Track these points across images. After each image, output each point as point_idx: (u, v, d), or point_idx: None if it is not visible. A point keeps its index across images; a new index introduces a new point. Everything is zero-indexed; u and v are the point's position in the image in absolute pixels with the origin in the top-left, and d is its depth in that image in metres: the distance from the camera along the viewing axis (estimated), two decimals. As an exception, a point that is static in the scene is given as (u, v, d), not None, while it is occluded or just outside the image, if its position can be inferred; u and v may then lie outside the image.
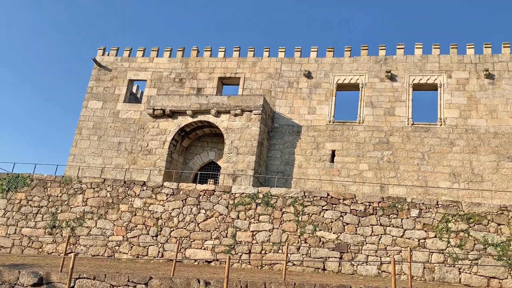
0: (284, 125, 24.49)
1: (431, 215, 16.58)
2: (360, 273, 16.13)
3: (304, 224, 17.27)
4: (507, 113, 22.05)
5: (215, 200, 18.40)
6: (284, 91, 25.31)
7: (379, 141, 22.98)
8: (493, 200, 20.21)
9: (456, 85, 23.16)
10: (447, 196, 20.92)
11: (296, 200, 17.74)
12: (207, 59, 27.16)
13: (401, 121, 23.15)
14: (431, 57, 24.07)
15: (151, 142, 23.54)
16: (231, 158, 22.14)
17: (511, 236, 15.81)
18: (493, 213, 16.25)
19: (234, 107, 22.84)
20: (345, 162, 22.95)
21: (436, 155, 22.03)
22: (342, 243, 16.73)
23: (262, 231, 17.48)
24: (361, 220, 16.99)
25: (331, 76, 24.97)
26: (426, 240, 16.27)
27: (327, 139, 23.63)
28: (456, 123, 22.45)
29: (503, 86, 22.59)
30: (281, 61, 26.13)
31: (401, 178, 21.97)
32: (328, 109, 24.28)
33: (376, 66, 24.57)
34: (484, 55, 23.51)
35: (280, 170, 23.52)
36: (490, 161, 21.37)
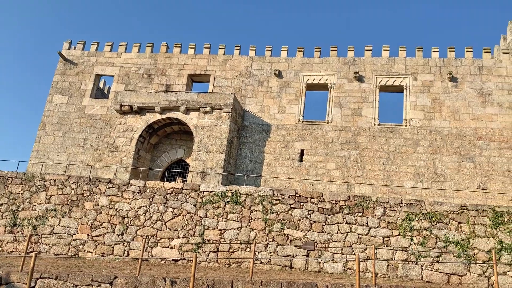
0: (254, 123, 24.53)
1: (395, 213, 17.00)
2: (326, 270, 16.37)
3: (272, 223, 17.36)
4: (469, 115, 22.85)
5: (183, 198, 18.23)
6: (255, 90, 25.34)
7: (347, 141, 23.36)
8: (454, 199, 20.92)
9: (421, 87, 23.82)
10: (411, 195, 21.50)
11: (264, 198, 17.81)
12: (177, 56, 26.86)
13: (368, 121, 23.60)
14: (398, 60, 24.65)
15: (118, 139, 23.08)
16: (200, 156, 22.00)
17: (471, 234, 16.42)
18: (454, 212, 16.82)
19: (204, 105, 22.68)
20: (314, 161, 23.21)
21: (401, 155, 22.60)
22: (309, 241, 16.93)
23: (231, 229, 17.46)
24: (328, 218, 17.23)
25: (301, 76, 25.19)
26: (390, 238, 16.67)
27: (296, 138, 23.82)
28: (421, 124, 23.09)
29: (466, 89, 23.39)
30: (252, 59, 26.14)
31: (367, 177, 22.42)
32: (297, 109, 24.48)
33: (345, 67, 24.95)
34: (448, 59, 24.27)
35: (250, 168, 23.55)
36: (452, 161, 22.10)
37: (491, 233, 16.35)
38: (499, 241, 16.20)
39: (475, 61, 23.90)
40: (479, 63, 23.82)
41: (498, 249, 16.05)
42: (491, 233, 16.35)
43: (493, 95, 23.02)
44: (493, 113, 22.69)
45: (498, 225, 16.44)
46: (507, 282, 15.58)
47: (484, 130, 22.41)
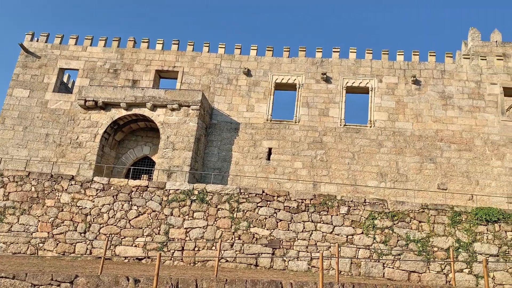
0: (223, 121, 24.45)
1: (359, 212, 17.37)
2: (291, 268, 16.54)
3: (238, 221, 17.37)
4: (431, 118, 23.59)
5: (148, 196, 17.97)
6: (223, 88, 25.26)
7: (314, 141, 23.65)
8: (415, 199, 21.56)
9: (386, 89, 24.40)
10: (374, 194, 22.00)
11: (231, 197, 17.80)
12: (144, 51, 26.42)
13: (334, 122, 23.97)
14: (364, 62, 25.15)
15: (82, 134, 22.49)
16: (167, 154, 21.73)
17: (431, 233, 16.98)
18: (415, 211, 17.34)
19: (172, 102, 22.41)
20: (281, 160, 23.37)
21: (366, 155, 23.08)
22: (275, 239, 17.05)
23: (196, 228, 17.35)
24: (293, 217, 17.40)
25: (270, 75, 25.29)
26: (353, 236, 17.01)
27: (264, 137, 23.92)
28: (385, 126, 23.66)
29: (428, 92, 24.14)
30: (221, 57, 26.03)
31: (333, 177, 22.78)
32: (266, 108, 24.57)
33: (313, 67, 25.24)
34: (412, 62, 24.96)
35: (217, 166, 23.46)
36: (414, 162, 22.76)
37: (449, 232, 16.96)
38: (457, 239, 16.83)
39: (438, 65, 24.69)
40: (441, 67, 24.62)
41: (456, 247, 16.67)
42: (449, 232, 16.96)
43: (454, 98, 23.86)
44: (453, 116, 23.52)
45: (456, 224, 17.08)
46: (463, 279, 16.21)
47: (445, 132, 23.20)
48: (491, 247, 16.70)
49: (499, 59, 24.62)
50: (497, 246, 16.72)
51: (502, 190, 21.80)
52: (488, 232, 16.97)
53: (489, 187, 21.91)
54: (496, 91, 23.81)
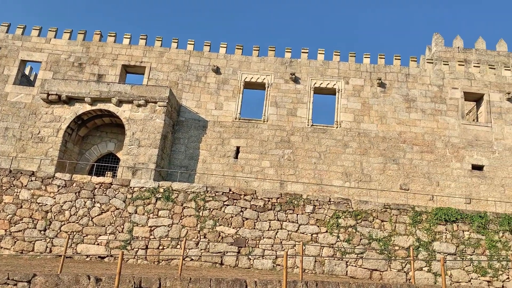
0: (190, 119, 24.24)
1: (324, 211, 17.62)
2: (256, 267, 16.59)
3: (204, 219, 17.27)
4: (395, 120, 24.21)
5: (112, 193, 17.60)
6: (192, 85, 25.03)
7: (281, 140, 23.81)
8: (378, 198, 22.07)
9: (352, 91, 24.85)
10: (339, 193, 22.37)
11: (198, 195, 17.68)
12: (111, 45, 25.82)
13: (302, 121, 24.21)
14: (332, 63, 25.51)
15: (44, 129, 21.76)
16: (132, 151, 21.33)
17: (392, 232, 17.43)
18: (378, 210, 17.75)
19: (138, 97, 22.01)
20: (249, 158, 23.40)
21: (331, 155, 23.44)
22: (241, 237, 17.06)
23: (161, 226, 17.14)
24: (260, 215, 17.47)
25: (239, 74, 25.27)
26: (318, 235, 17.25)
27: (232, 136, 23.87)
28: (350, 127, 24.09)
29: (393, 95, 24.75)
30: (189, 53, 25.78)
31: (299, 176, 23.01)
32: (235, 106, 24.53)
33: (282, 67, 25.40)
34: (378, 65, 25.52)
35: (184, 164, 23.24)
36: (378, 162, 23.30)
37: (410, 231, 17.46)
38: (417, 238, 17.34)
39: (403, 69, 25.36)
40: (406, 71, 25.30)
41: (416, 246, 17.18)
42: (410, 231, 17.46)
43: (417, 101, 24.56)
44: (416, 118, 24.22)
45: (417, 223, 17.60)
46: (422, 277, 16.73)
47: (408, 134, 23.86)
48: (449, 246, 17.31)
49: (460, 64, 25.53)
50: (455, 245, 17.35)
51: (461, 191, 22.64)
52: (447, 231, 17.58)
53: (449, 188, 22.70)
54: (457, 96, 24.68)
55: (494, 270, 16.96)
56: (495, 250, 17.32)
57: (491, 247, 17.34)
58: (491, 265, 17.03)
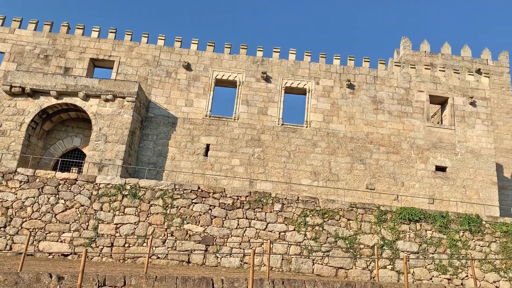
0: (159, 115, 23.92)
1: (292, 209, 17.77)
2: (224, 265, 16.57)
3: (172, 217, 17.10)
4: (362, 121, 24.66)
5: (76, 190, 17.17)
6: (162, 81, 24.70)
7: (252, 138, 23.84)
8: (345, 197, 22.45)
9: (322, 91, 25.15)
10: (307, 192, 22.62)
11: (165, 192, 17.48)
12: (79, 38, 25.15)
13: (272, 120, 24.32)
14: (303, 64, 25.73)
15: (6, 122, 20.97)
16: (99, 146, 20.86)
17: (358, 231, 17.77)
18: (344, 209, 18.05)
19: (106, 92, 21.53)
20: (219, 156, 23.32)
21: (301, 154, 23.66)
22: (209, 235, 16.99)
23: (127, 223, 16.86)
24: (228, 214, 17.45)
25: (210, 71, 25.12)
26: (286, 233, 17.38)
27: (202, 133, 23.72)
28: (320, 126, 24.38)
29: (361, 96, 25.20)
30: (160, 49, 25.42)
31: (269, 174, 23.12)
32: (205, 103, 24.38)
33: (254, 66, 25.41)
34: (347, 67, 25.93)
35: (152, 161, 22.92)
36: (346, 162, 23.69)
37: (375, 230, 17.85)
38: (381, 237, 17.75)
39: (371, 71, 25.85)
40: (374, 73, 25.80)
41: (381, 245, 17.58)
42: (375, 230, 17.85)
43: (385, 103, 25.11)
44: (383, 120, 24.75)
45: (382, 222, 18.01)
46: (386, 275, 17.14)
47: (375, 135, 24.36)
48: (412, 245, 17.80)
49: (426, 68, 26.25)
50: (417, 244, 17.86)
51: (425, 191, 23.30)
52: (410, 230, 18.07)
53: (413, 188, 23.33)
54: (423, 98, 25.37)
55: (454, 269, 17.57)
56: (456, 249, 17.93)
57: (452, 246, 17.95)
58: (451, 264, 17.62)
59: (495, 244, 18.28)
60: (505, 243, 18.32)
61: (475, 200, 23.28)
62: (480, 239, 18.32)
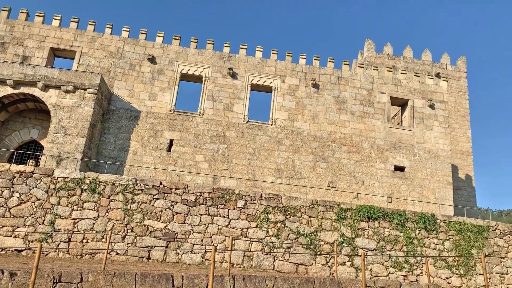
0: (122, 108, 23.40)
1: (255, 206, 17.85)
2: (185, 261, 16.44)
3: (132, 213, 16.80)
4: (326, 120, 25.06)
5: (33, 183, 16.56)
6: (125, 73, 24.16)
7: (216, 135, 23.74)
8: (307, 195, 22.76)
9: (288, 90, 25.35)
10: (271, 189, 22.77)
11: (126, 188, 17.14)
12: (38, 26, 24.20)
13: (238, 117, 24.30)
14: (269, 61, 25.84)
15: (-43, 111, 19.93)
16: (57, 139, 20.19)
17: (319, 228, 18.06)
18: (306, 206, 18.30)
19: (66, 83, 20.85)
20: (182, 152, 23.08)
21: (265, 151, 23.79)
22: (170, 232, 16.80)
23: (86, 218, 16.42)
24: (190, 210, 17.31)
25: (176, 65, 24.79)
26: (248, 230, 17.45)
27: (166, 128, 23.40)
28: (284, 125, 24.59)
29: (325, 96, 25.59)
30: (124, 40, 24.85)
31: (233, 171, 23.10)
32: (170, 98, 24.05)
33: (220, 62, 25.29)
34: (313, 66, 26.25)
35: (113, 155, 22.41)
36: (309, 160, 24.01)
37: (335, 227, 18.20)
38: (341, 234, 18.12)
39: (336, 72, 26.28)
40: (338, 74, 26.25)
41: (340, 242, 17.95)
42: (335, 227, 18.20)
43: (348, 103, 25.60)
44: (346, 120, 25.24)
45: (342, 220, 18.39)
46: (345, 271, 17.52)
47: (338, 135, 24.81)
48: (370, 242, 18.28)
49: (388, 70, 26.95)
50: (375, 241, 18.35)
51: (384, 190, 23.96)
52: (369, 228, 18.55)
53: (373, 187, 23.94)
54: (384, 100, 26.04)
55: (410, 265, 18.18)
56: (412, 246, 18.56)
57: (408, 244, 18.56)
58: (407, 261, 18.22)
59: (449, 242, 19.05)
60: (457, 241, 19.12)
61: (431, 200, 24.16)
62: (434, 237, 19.04)
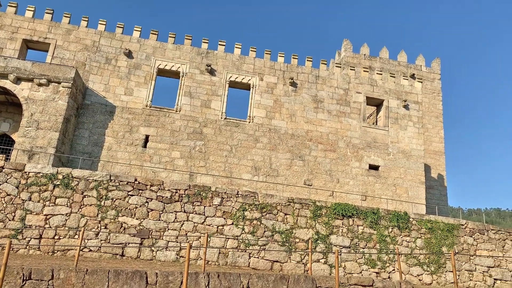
0: (97, 103, 22.98)
1: (231, 203, 17.84)
2: (159, 258, 16.31)
3: (106, 209, 16.55)
4: (303, 118, 25.23)
5: (3, 178, 16.11)
6: (101, 67, 23.73)
7: (193, 131, 23.59)
8: (284, 192, 22.89)
9: (266, 88, 25.40)
10: (247, 187, 22.79)
11: (100, 184, 16.87)
12: (11, 16, 23.51)
13: (215, 114, 24.21)
14: (248, 59, 25.82)
15: None
16: (30, 133, 19.68)
17: (294, 225, 18.19)
18: (282, 204, 18.40)
19: (40, 76, 20.33)
20: (158, 148, 22.84)
21: (243, 149, 23.78)
22: (144, 229, 16.63)
23: (58, 215, 16.09)
24: (166, 207, 17.17)
25: (153, 60, 24.50)
26: (224, 227, 17.42)
27: (142, 123, 23.11)
28: (262, 122, 24.64)
29: (303, 95, 25.76)
30: (100, 34, 24.39)
31: (210, 168, 23.01)
32: (146, 93, 23.75)
33: (198, 58, 25.12)
34: (291, 65, 26.36)
35: (87, 151, 22.00)
36: (286, 158, 24.14)
37: (310, 225, 18.37)
38: (316, 231, 18.30)
39: (313, 71, 26.47)
40: (316, 73, 26.45)
41: (315, 239, 18.13)
42: (310, 225, 18.37)
43: (325, 102, 25.83)
44: (323, 118, 25.47)
45: (317, 217, 18.57)
46: (319, 268, 17.71)
47: (314, 133, 25.02)
48: (344, 240, 18.52)
49: (365, 70, 27.32)
50: (349, 239, 18.61)
51: (358, 188, 24.31)
52: (343, 225, 18.79)
53: (348, 185, 24.25)
54: (360, 100, 26.39)
55: (383, 263, 18.52)
56: (385, 244, 18.90)
57: (381, 241, 18.90)
58: (380, 258, 18.55)
59: (420, 240, 19.48)
60: (429, 239, 19.58)
61: (404, 198, 24.64)
62: (407, 235, 19.44)
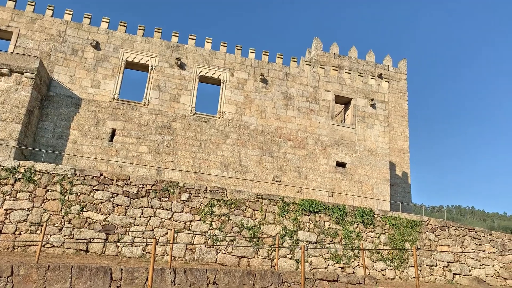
0: (62, 95, 22.32)
1: (200, 199, 17.75)
2: (125, 254, 16.06)
3: (70, 204, 16.14)
4: (273, 115, 25.35)
5: (-40, 170, 15.43)
6: (66, 58, 23.04)
7: (162, 126, 23.29)
8: (253, 189, 22.95)
9: (237, 83, 25.35)
10: (216, 183, 22.72)
11: (64, 178, 16.43)
12: (-29, 2, 22.49)
13: (185, 109, 23.97)
14: (219, 54, 25.68)
15: None
16: (-11, 124, 18.91)
17: (262, 221, 18.29)
18: (251, 200, 18.46)
19: (1, 65, 19.54)
20: (125, 142, 22.44)
21: (212, 144, 23.68)
22: (110, 224, 16.33)
23: (19, 209, 15.57)
24: (132, 202, 16.91)
25: (121, 52, 23.99)
26: (192, 223, 17.33)
27: (108, 117, 22.61)
28: (232, 118, 24.59)
29: (273, 92, 25.86)
30: (66, 24, 23.67)
31: (178, 163, 22.80)
32: (113, 86, 23.25)
33: (168, 51, 24.78)
34: (262, 61, 26.41)
35: (51, 144, 21.35)
36: (255, 154, 24.20)
37: (278, 220, 18.52)
38: (284, 227, 18.47)
39: (284, 68, 26.61)
40: (286, 70, 26.60)
41: (282, 235, 18.30)
42: (278, 220, 18.52)
43: (294, 100, 26.04)
44: (292, 115, 25.67)
45: (285, 213, 18.74)
46: (286, 263, 17.89)
47: (284, 130, 25.19)
48: (311, 235, 18.78)
49: (334, 69, 27.69)
50: (316, 234, 18.88)
51: (325, 185, 24.67)
52: (310, 221, 19.04)
53: (315, 182, 24.57)
54: (329, 98, 26.75)
55: (348, 258, 18.89)
56: (350, 239, 19.28)
57: (347, 237, 19.27)
58: (345, 253, 18.92)
59: (384, 236, 19.98)
60: (392, 235, 20.11)
61: (369, 195, 25.20)
62: (371, 231, 19.89)
